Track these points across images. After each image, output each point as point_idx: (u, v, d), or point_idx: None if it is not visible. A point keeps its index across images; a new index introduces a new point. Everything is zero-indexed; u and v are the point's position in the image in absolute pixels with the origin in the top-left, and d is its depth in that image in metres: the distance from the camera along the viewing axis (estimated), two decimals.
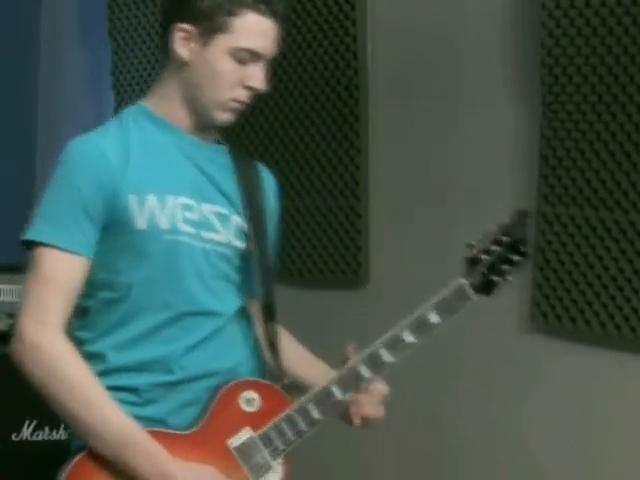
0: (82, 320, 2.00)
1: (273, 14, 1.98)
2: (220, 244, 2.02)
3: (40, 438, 3.44)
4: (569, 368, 3.03)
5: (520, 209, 2.14)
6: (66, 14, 4.61)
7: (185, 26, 1.97)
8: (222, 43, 1.96)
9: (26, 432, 3.43)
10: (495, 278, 2.03)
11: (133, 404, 1.95)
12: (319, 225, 3.58)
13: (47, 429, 3.44)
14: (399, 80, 3.43)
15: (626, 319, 2.87)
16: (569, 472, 3.04)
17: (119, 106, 4.26)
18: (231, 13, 1.95)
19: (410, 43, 3.39)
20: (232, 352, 2.04)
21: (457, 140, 3.29)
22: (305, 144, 3.62)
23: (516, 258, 2.03)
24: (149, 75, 4.13)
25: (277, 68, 3.68)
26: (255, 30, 1.97)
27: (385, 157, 3.48)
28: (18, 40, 4.59)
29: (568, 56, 2.93)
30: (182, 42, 1.98)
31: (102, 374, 1.95)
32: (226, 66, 1.97)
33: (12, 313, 3.51)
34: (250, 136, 3.79)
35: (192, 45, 1.97)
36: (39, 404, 3.43)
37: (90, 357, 1.96)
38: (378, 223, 3.46)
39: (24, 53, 4.64)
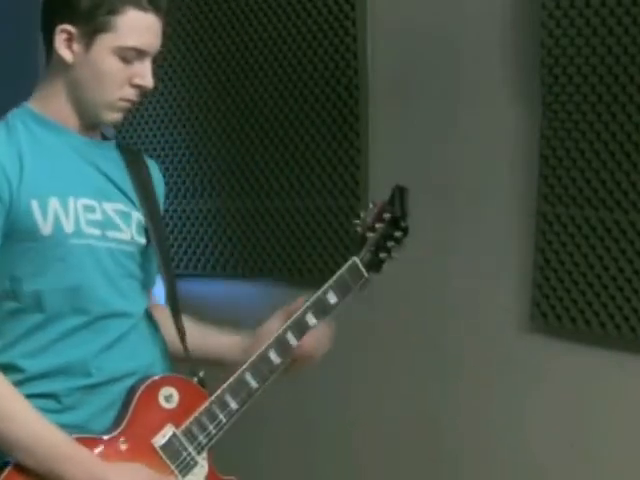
0: None
1: (156, 9, 1.95)
2: (125, 242, 1.99)
3: None
4: (569, 368, 3.03)
5: (398, 185, 2.19)
6: None
7: (67, 27, 1.91)
8: (105, 43, 1.92)
9: None
10: (382, 255, 2.10)
11: (52, 411, 1.89)
12: (319, 225, 3.58)
13: None
14: (399, 80, 3.43)
15: (626, 319, 2.87)
16: (569, 472, 3.04)
17: None
18: (112, 11, 1.90)
19: (410, 43, 3.39)
20: (146, 350, 2.02)
21: (457, 140, 3.29)
22: (305, 144, 3.62)
23: (398, 234, 2.11)
24: None
25: (277, 68, 3.71)
26: (138, 27, 1.94)
27: (385, 157, 3.48)
28: (18, 40, 4.59)
29: (568, 56, 2.93)
30: (64, 44, 1.92)
31: (17, 384, 1.87)
32: (112, 66, 1.93)
33: None
34: (250, 136, 3.80)
35: (75, 46, 1.92)
36: None
37: (2, 368, 1.88)
38: None
39: (24, 53, 4.64)
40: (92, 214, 1.94)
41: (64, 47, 1.92)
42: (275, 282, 3.72)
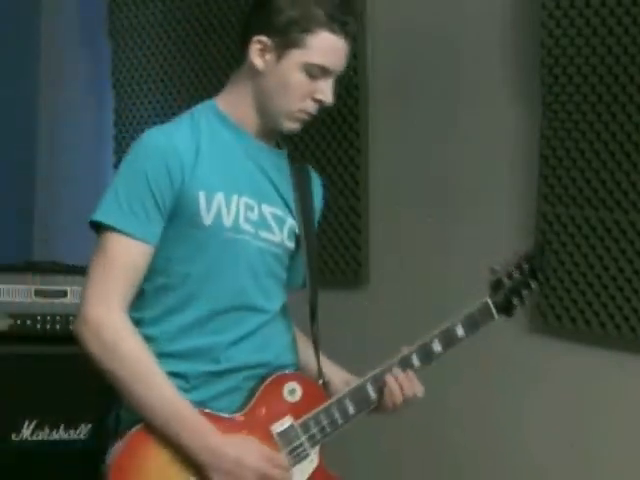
0: (138, 302, 2.08)
1: (345, 34, 2.09)
2: (275, 244, 2.13)
3: (40, 438, 3.43)
4: (569, 368, 3.03)
5: (539, 240, 2.49)
6: (66, 14, 4.61)
7: (262, 38, 2.07)
8: (295, 57, 2.07)
9: (26, 432, 3.42)
10: (515, 301, 2.26)
11: (181, 389, 2.04)
12: (319, 225, 3.58)
13: (47, 429, 3.44)
14: (399, 80, 3.43)
15: (626, 319, 2.87)
16: (569, 472, 3.04)
17: (119, 106, 4.26)
18: (306, 30, 2.05)
19: (410, 43, 3.39)
20: (273, 346, 2.14)
21: (457, 140, 3.29)
22: (305, 144, 3.62)
23: (533, 284, 2.28)
24: (149, 75, 4.14)
25: None
26: (327, 48, 2.07)
27: (385, 157, 3.48)
28: (18, 40, 4.59)
29: (568, 56, 2.93)
30: (258, 52, 2.08)
31: (157, 357, 2.04)
32: (297, 79, 2.08)
33: (12, 313, 3.51)
34: None
35: (267, 56, 2.08)
36: (39, 404, 3.46)
37: (146, 339, 2.05)
38: (378, 223, 3.46)
39: (24, 53, 4.64)
40: (250, 212, 2.09)
41: (257, 56, 2.08)
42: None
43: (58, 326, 3.53)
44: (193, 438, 1.99)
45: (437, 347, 2.20)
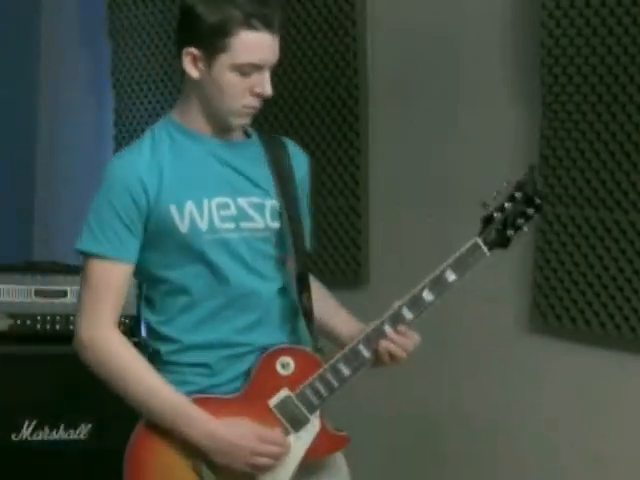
0: (151, 307, 2.27)
1: (267, 27, 2.14)
2: (258, 230, 2.24)
3: (40, 438, 3.43)
4: (569, 368, 3.03)
5: (530, 164, 2.31)
6: (66, 14, 4.61)
7: (191, 49, 2.16)
8: (224, 61, 2.14)
9: (26, 432, 3.42)
10: (510, 232, 2.22)
11: (205, 375, 2.21)
12: (319, 225, 3.58)
13: (47, 429, 3.44)
14: (399, 80, 3.44)
15: (626, 319, 2.87)
16: (569, 472, 3.04)
17: (119, 106, 4.26)
18: (227, 34, 2.12)
19: (410, 43, 3.39)
20: (282, 325, 2.27)
21: (457, 140, 3.29)
22: (305, 144, 3.61)
23: (530, 211, 2.21)
24: (149, 75, 4.14)
25: (277, 68, 3.70)
26: (251, 45, 2.14)
27: (385, 157, 3.48)
28: (18, 40, 4.59)
29: (568, 56, 2.93)
30: (191, 64, 2.17)
31: (178, 352, 2.22)
32: (231, 81, 2.16)
33: (12, 313, 3.51)
34: None
35: (199, 65, 2.17)
36: (39, 404, 3.45)
37: (165, 338, 2.24)
38: (378, 223, 3.46)
39: (24, 53, 4.64)
40: (226, 210, 2.21)
41: (190, 66, 2.18)
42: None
43: (58, 326, 3.53)
44: (190, 426, 2.15)
45: (428, 296, 2.23)
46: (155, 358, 2.25)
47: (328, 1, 3.52)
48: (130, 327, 3.62)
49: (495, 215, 2.23)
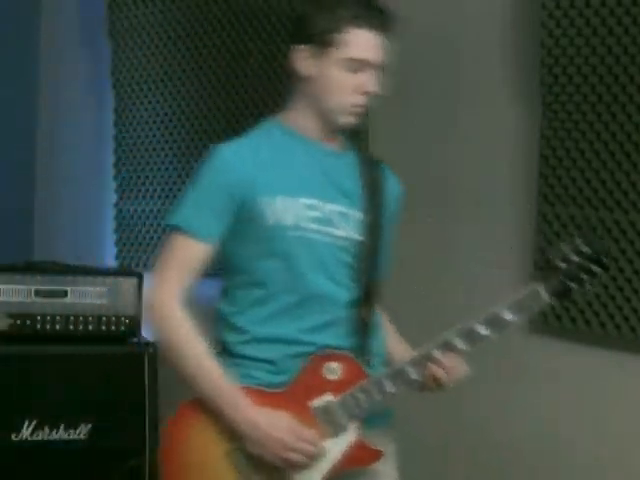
0: (226, 298, 2.35)
1: (374, 27, 2.28)
2: (340, 238, 2.32)
3: (40, 438, 3.43)
4: (569, 368, 3.03)
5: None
6: (66, 14, 4.61)
7: (302, 47, 2.29)
8: (333, 57, 2.27)
9: (26, 432, 3.42)
10: (572, 285, 2.21)
11: (269, 372, 2.27)
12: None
13: (47, 429, 3.44)
14: (399, 80, 3.43)
15: (626, 319, 2.87)
16: (569, 472, 3.04)
17: (119, 106, 4.26)
18: (336, 30, 2.25)
19: (410, 43, 3.38)
20: (349, 334, 2.31)
21: (457, 140, 3.30)
22: None
23: (596, 269, 2.20)
24: (149, 75, 4.14)
25: (277, 68, 3.70)
26: (358, 42, 2.27)
27: (385, 157, 3.46)
28: (18, 40, 4.59)
29: (568, 56, 2.93)
30: (302, 61, 2.30)
31: (245, 343, 2.29)
32: (340, 76, 2.27)
33: (12, 313, 3.51)
34: None
35: (309, 62, 2.29)
36: (39, 404, 3.45)
37: (235, 329, 2.31)
38: None
39: (24, 53, 4.64)
40: (314, 212, 2.29)
41: (301, 64, 2.30)
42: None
43: (58, 326, 3.53)
44: (232, 410, 2.20)
45: (482, 330, 2.25)
46: (223, 350, 2.32)
47: None
48: (130, 327, 3.63)
49: (560, 265, 2.21)
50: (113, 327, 3.60)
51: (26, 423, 3.42)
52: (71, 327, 3.55)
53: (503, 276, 3.16)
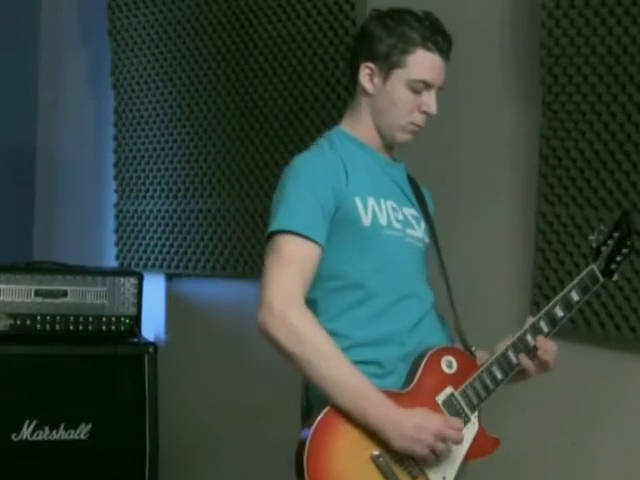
0: (315, 306, 2.30)
1: (439, 51, 2.36)
2: (418, 239, 2.41)
3: (40, 438, 3.44)
4: (569, 368, 3.03)
5: (625, 209, 2.68)
6: (66, 14, 4.61)
7: (368, 64, 2.37)
8: (399, 76, 2.34)
9: (26, 432, 3.43)
10: (613, 266, 2.45)
11: (376, 376, 2.25)
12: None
13: (47, 429, 3.45)
14: None
15: (626, 319, 2.87)
16: (569, 472, 3.04)
17: (119, 106, 4.26)
18: (404, 51, 2.34)
19: None
20: (439, 331, 2.39)
21: (457, 140, 3.29)
22: (305, 144, 3.60)
23: (625, 251, 2.46)
24: (149, 75, 4.14)
25: (277, 68, 3.71)
26: (425, 64, 2.35)
27: None
28: (18, 40, 4.59)
29: (568, 56, 2.94)
30: (367, 78, 2.37)
31: (347, 349, 2.25)
32: (403, 95, 2.35)
33: (12, 313, 3.51)
34: (250, 136, 3.80)
35: (375, 80, 2.36)
36: (39, 404, 3.46)
37: (332, 334, 2.24)
38: None
39: (24, 53, 4.64)
40: (397, 214, 2.37)
41: (367, 81, 2.37)
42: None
43: (58, 326, 3.54)
44: (378, 413, 2.18)
45: (559, 312, 2.38)
46: None
47: (328, 1, 3.52)
48: (130, 327, 3.63)
49: (602, 249, 2.45)
50: (113, 327, 3.60)
51: (26, 423, 3.42)
52: (71, 327, 3.55)
53: (503, 276, 3.16)
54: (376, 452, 2.19)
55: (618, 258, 2.45)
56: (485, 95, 3.21)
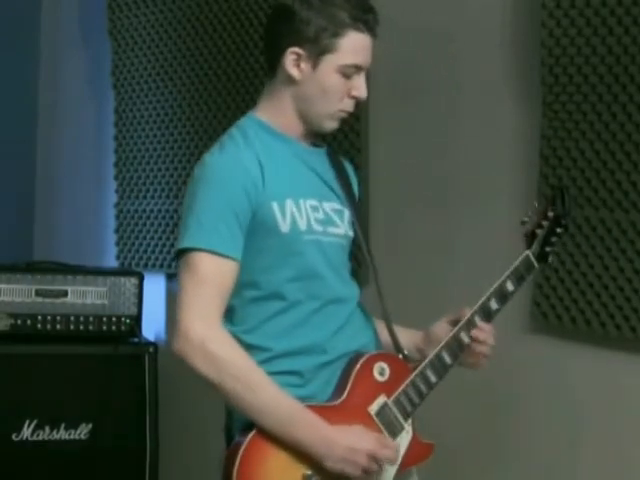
0: (229, 316, 2.19)
1: (370, 30, 2.22)
2: (340, 236, 2.28)
3: (40, 438, 3.44)
4: (569, 368, 3.03)
5: (560, 185, 2.55)
6: (66, 14, 4.61)
7: (295, 49, 2.18)
8: (330, 62, 2.19)
9: (26, 432, 3.43)
10: (548, 249, 2.37)
11: (295, 386, 2.17)
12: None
13: (47, 429, 3.45)
14: (399, 80, 3.43)
15: (626, 319, 2.87)
16: (569, 472, 3.04)
17: (119, 106, 4.26)
18: (335, 34, 2.18)
19: (410, 43, 3.39)
20: (365, 331, 2.30)
21: (457, 140, 3.29)
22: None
23: (560, 230, 2.38)
24: (149, 75, 4.14)
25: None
26: (357, 46, 2.20)
27: (385, 157, 3.48)
28: (18, 40, 4.59)
29: (568, 56, 2.93)
30: (293, 63, 2.19)
31: (264, 362, 2.16)
32: (335, 82, 2.20)
33: (13, 313, 3.51)
34: None
35: (302, 65, 2.19)
36: (39, 404, 3.46)
37: (251, 347, 2.17)
38: (378, 223, 3.46)
39: (24, 53, 4.64)
40: (317, 213, 2.23)
41: (292, 66, 2.19)
42: None
43: (58, 326, 3.54)
44: (306, 432, 2.11)
45: (494, 305, 2.32)
46: None
47: None
48: (131, 327, 3.63)
49: (536, 231, 2.37)
50: (113, 327, 3.61)
51: (26, 423, 3.43)
52: (71, 327, 3.56)
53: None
54: (308, 472, 2.12)
55: (553, 239, 2.37)
56: (485, 95, 3.22)
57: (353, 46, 2.19)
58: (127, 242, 4.24)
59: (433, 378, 2.25)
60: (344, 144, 3.50)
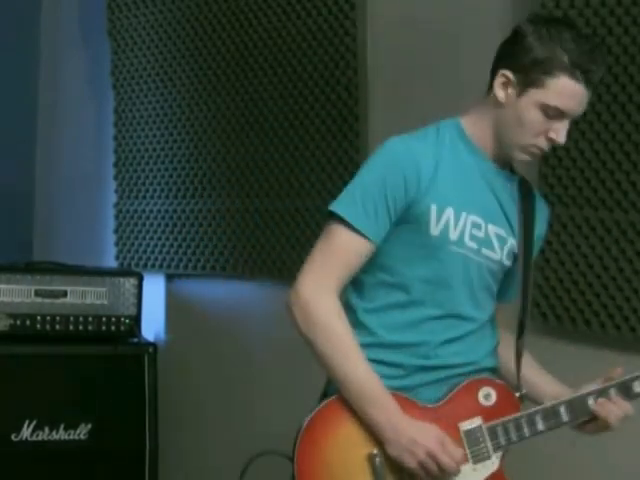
0: (358, 290, 2.27)
1: (586, 81, 2.18)
2: (493, 261, 2.28)
3: (40, 438, 3.44)
4: (569, 368, 3.02)
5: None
6: (66, 14, 4.61)
7: (507, 73, 2.22)
8: (534, 96, 2.19)
9: (26, 432, 3.43)
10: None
11: (394, 377, 2.22)
12: (319, 225, 3.58)
13: (47, 429, 3.45)
14: (399, 80, 3.43)
15: (626, 319, 2.87)
16: (569, 472, 3.03)
17: (119, 106, 4.26)
18: (547, 72, 2.17)
19: (410, 43, 3.39)
20: (477, 350, 2.29)
21: None
22: (305, 144, 3.62)
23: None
24: (149, 75, 4.14)
25: (277, 68, 3.70)
26: (565, 92, 2.18)
27: None
28: (18, 40, 4.59)
29: None
30: (502, 86, 2.23)
31: (369, 346, 2.21)
32: (533, 117, 2.20)
33: (12, 313, 3.51)
34: (250, 136, 3.80)
35: (509, 90, 2.22)
36: (39, 404, 3.46)
37: (359, 326, 2.24)
38: None
39: (24, 53, 4.64)
40: (477, 230, 2.24)
41: (500, 88, 2.23)
42: (275, 282, 3.72)
43: (57, 326, 3.54)
44: (379, 414, 2.15)
45: (637, 387, 2.32)
46: None
47: (328, 1, 3.52)
48: (130, 327, 3.63)
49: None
50: (113, 327, 3.61)
51: (26, 423, 3.43)
52: (71, 327, 3.56)
53: None
54: (375, 451, 2.17)
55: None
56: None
57: (561, 90, 2.17)
58: (126, 242, 4.24)
59: (540, 425, 2.25)
60: (343, 144, 3.50)
